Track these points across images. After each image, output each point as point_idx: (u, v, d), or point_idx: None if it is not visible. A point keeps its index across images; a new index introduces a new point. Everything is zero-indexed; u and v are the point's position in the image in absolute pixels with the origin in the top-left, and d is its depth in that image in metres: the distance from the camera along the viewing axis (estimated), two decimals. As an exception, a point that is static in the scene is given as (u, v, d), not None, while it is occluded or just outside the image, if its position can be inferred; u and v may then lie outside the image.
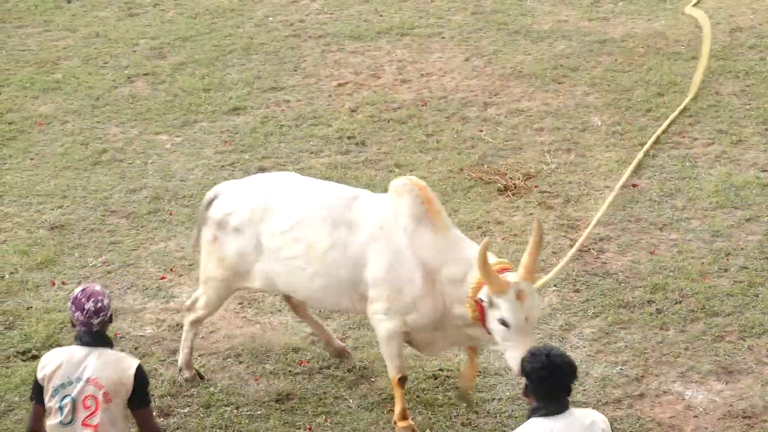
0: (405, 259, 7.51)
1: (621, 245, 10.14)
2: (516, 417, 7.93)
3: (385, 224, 7.60)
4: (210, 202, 8.14)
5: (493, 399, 8.19)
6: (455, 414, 8.04)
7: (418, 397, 8.20)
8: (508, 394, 8.23)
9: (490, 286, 7.09)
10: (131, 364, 6.08)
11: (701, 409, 8.10)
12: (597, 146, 12.00)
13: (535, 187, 11.03)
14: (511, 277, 7.21)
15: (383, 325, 7.67)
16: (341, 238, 7.68)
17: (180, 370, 8.37)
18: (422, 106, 12.94)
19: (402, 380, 7.75)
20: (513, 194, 10.95)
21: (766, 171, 11.38)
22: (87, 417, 5.95)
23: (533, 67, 13.96)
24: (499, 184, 11.08)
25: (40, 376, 6.06)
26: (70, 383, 5.97)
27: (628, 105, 12.91)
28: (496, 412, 8.05)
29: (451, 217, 10.38)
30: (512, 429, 7.78)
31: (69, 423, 5.98)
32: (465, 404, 8.06)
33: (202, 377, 8.36)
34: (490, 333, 7.30)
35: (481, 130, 12.36)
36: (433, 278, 7.47)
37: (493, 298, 7.11)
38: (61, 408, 5.98)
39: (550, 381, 5.59)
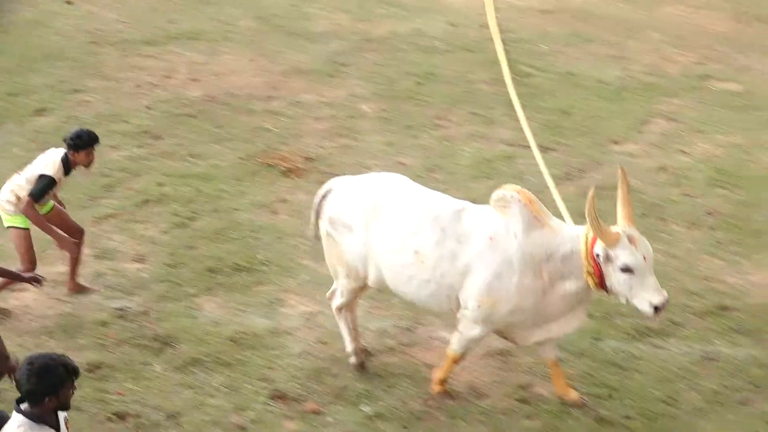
0: (513, 268, 7.18)
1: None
2: (304, 369, 8.00)
3: (495, 235, 7.22)
4: (324, 196, 7.79)
5: (284, 355, 8.22)
6: (252, 372, 8.03)
7: (218, 358, 8.15)
8: (297, 350, 8.27)
9: (603, 239, 6.89)
10: None
11: (464, 351, 8.32)
12: (367, 131, 12.13)
13: (315, 168, 11.08)
14: (615, 228, 7.01)
15: (470, 332, 7.45)
16: (451, 250, 7.28)
17: (350, 358, 8.06)
18: (212, 101, 12.81)
19: (460, 359, 7.72)
20: (296, 176, 10.98)
21: (511, 145, 11.76)
22: None
23: (311, 64, 13.99)
24: (283, 168, 11.10)
25: None
26: None
27: (393, 94, 13.09)
28: (287, 366, 8.08)
29: (241, 198, 10.46)
30: (300, 379, 7.88)
31: None
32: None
33: (367, 357, 8.12)
34: (609, 292, 7.12)
35: (265, 121, 12.34)
36: (541, 270, 7.19)
37: (609, 251, 6.91)
38: None
39: None
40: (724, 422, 7.73)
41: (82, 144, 8.46)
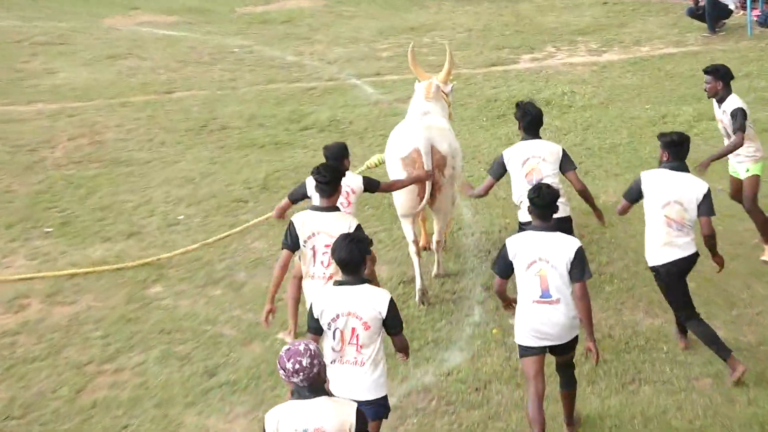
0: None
1: None
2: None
3: (441, 113, 9.66)
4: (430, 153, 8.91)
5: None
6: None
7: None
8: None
9: (446, 78, 9.93)
10: (350, 410, 5.35)
11: None
12: None
13: None
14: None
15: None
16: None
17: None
18: None
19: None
20: None
21: None
22: None
23: None
24: None
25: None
26: None
27: None
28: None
29: None
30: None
31: None
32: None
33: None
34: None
35: None
36: None
37: (448, 85, 9.95)
38: None
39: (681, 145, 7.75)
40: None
41: (346, 153, 8.16)
